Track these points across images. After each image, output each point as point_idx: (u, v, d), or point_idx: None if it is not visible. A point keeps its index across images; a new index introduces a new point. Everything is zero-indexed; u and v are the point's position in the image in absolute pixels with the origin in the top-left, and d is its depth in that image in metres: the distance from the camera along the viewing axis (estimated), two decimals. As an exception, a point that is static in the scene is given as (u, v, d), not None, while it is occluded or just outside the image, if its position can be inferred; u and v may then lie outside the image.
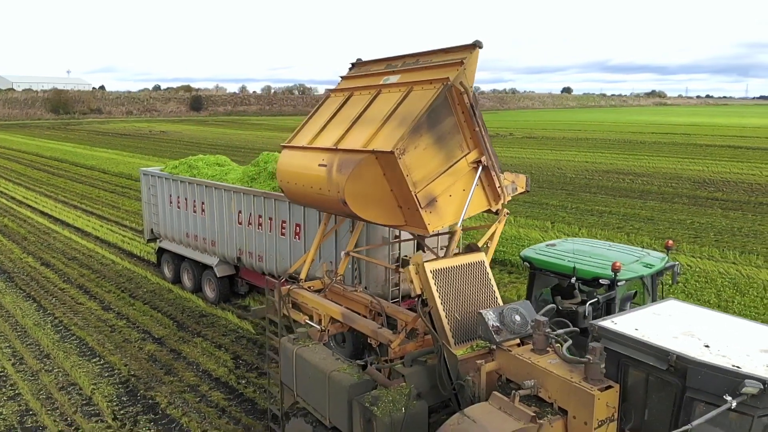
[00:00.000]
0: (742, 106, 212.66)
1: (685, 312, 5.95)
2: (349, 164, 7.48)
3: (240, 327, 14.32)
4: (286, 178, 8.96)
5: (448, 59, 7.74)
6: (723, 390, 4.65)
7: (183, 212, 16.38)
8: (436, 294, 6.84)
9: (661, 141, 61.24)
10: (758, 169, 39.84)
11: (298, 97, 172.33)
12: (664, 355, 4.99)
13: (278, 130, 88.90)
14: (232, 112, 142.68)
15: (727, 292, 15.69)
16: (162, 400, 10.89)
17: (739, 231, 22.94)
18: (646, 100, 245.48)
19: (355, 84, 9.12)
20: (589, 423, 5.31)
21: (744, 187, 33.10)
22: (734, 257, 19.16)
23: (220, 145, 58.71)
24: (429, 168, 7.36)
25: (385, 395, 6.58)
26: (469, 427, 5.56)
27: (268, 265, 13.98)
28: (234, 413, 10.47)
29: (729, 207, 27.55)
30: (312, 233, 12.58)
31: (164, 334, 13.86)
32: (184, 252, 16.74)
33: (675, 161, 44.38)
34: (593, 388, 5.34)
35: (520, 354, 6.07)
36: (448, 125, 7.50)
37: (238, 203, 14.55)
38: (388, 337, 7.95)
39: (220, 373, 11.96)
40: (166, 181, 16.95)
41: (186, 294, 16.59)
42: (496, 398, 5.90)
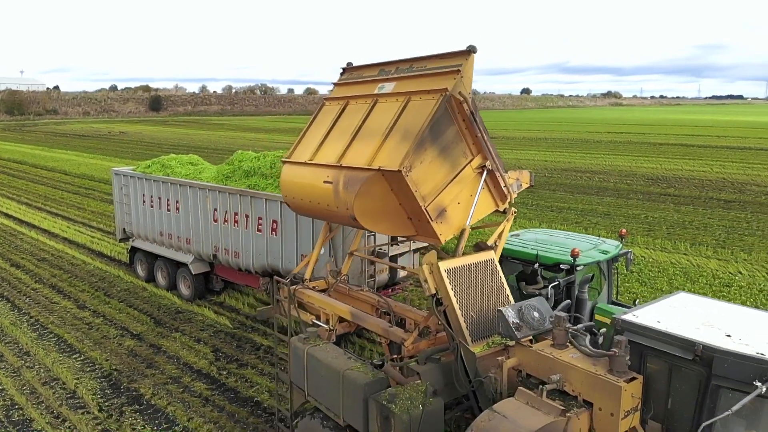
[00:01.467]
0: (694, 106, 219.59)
1: (698, 304, 6.15)
2: (356, 182, 7.49)
3: (217, 322, 14.69)
4: (291, 193, 8.92)
5: (443, 66, 7.67)
6: (749, 377, 4.84)
7: (157, 211, 16.62)
8: (451, 293, 6.89)
9: (616, 140, 63.24)
10: (709, 166, 41.67)
11: (260, 96, 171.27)
12: (690, 345, 5.16)
13: (240, 130, 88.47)
14: (192, 113, 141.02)
15: (678, 281, 16.76)
16: (146, 391, 11.24)
17: (689, 224, 24.23)
18: (603, 101, 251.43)
19: (349, 92, 9.03)
20: (616, 414, 5.43)
21: (695, 183, 34.68)
22: (685, 248, 20.37)
23: (182, 146, 58.29)
24: (436, 180, 7.40)
25: (402, 393, 6.62)
26: (501, 423, 5.60)
27: (244, 261, 14.37)
28: (218, 402, 10.89)
29: (681, 202, 28.96)
30: (289, 229, 13.05)
31: (142, 330, 14.14)
32: (158, 250, 16.98)
33: (630, 159, 46.05)
34: (619, 380, 5.44)
35: (541, 349, 6.13)
36: (451, 135, 7.49)
37: (214, 201, 14.90)
38: (400, 336, 8.03)
39: (201, 365, 12.35)
40: (139, 180, 17.16)
41: (161, 291, 16.85)
42: (522, 393, 5.95)
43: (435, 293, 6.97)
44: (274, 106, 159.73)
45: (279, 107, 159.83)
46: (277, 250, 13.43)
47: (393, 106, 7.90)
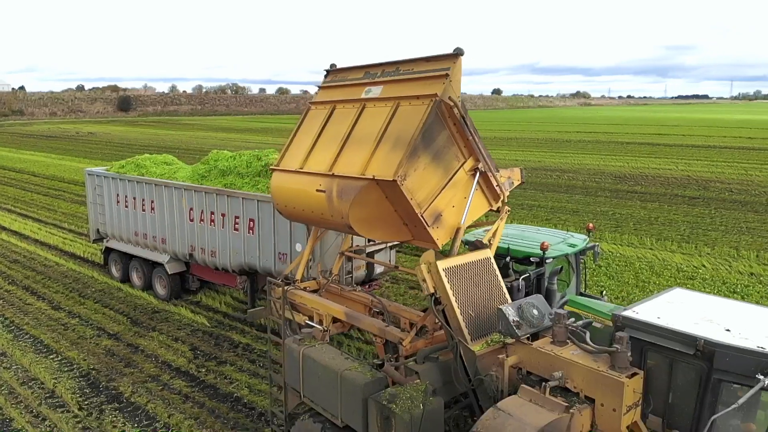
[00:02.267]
0: (661, 105, 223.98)
1: (694, 299, 6.23)
2: (350, 191, 7.46)
3: (194, 321, 14.77)
4: (283, 202, 8.86)
5: (431, 70, 7.60)
6: (750, 370, 4.90)
7: (132, 211, 16.62)
8: (450, 292, 6.88)
9: (585, 140, 64.40)
10: (674, 164, 42.77)
11: (231, 96, 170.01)
12: (692, 340, 5.19)
13: (212, 130, 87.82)
14: (162, 113, 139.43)
15: (644, 274, 17.34)
16: (125, 389, 11.31)
17: (655, 220, 24.95)
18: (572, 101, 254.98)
19: (335, 96, 8.92)
20: (618, 409, 5.47)
21: (661, 180, 35.61)
22: (651, 243, 21.02)
23: (152, 146, 57.71)
24: (430, 186, 7.38)
25: (402, 392, 6.61)
26: (506, 420, 5.61)
27: (221, 260, 14.48)
28: (198, 398, 11.02)
29: (647, 199, 29.75)
30: (266, 227, 13.21)
31: (119, 330, 14.17)
32: (132, 251, 16.98)
33: (598, 158, 47.01)
34: (621, 375, 5.48)
35: (541, 347, 6.15)
36: (443, 140, 7.45)
37: (190, 200, 14.96)
38: (397, 335, 8.00)
39: (179, 363, 12.45)
40: (113, 180, 17.13)
41: (136, 292, 16.85)
42: (525, 391, 5.98)
43: (433, 292, 6.97)
44: (245, 106, 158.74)
45: (251, 107, 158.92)
46: (255, 248, 13.58)
47: (382, 112, 7.83)
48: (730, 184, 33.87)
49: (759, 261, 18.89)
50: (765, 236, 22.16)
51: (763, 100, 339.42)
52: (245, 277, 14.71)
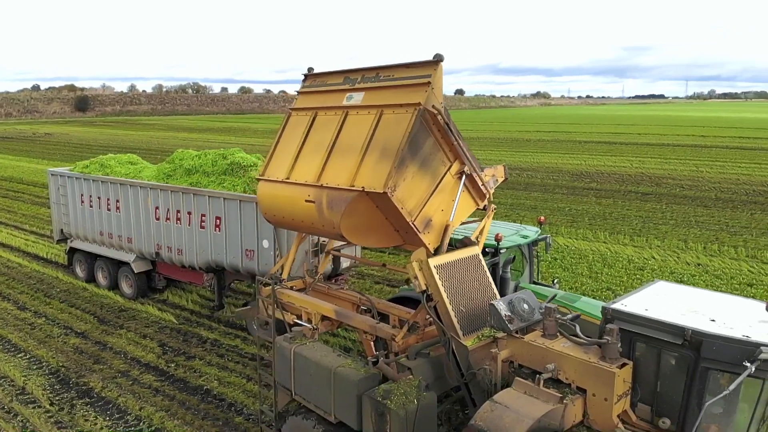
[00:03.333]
0: (618, 105, 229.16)
1: (678, 291, 6.47)
2: (340, 202, 7.54)
3: (162, 318, 14.97)
4: (271, 212, 8.91)
5: (412, 77, 7.63)
6: (736, 358, 5.08)
7: (96, 211, 16.69)
8: (441, 288, 7.01)
9: (544, 139, 65.87)
10: (629, 161, 44.23)
11: (192, 95, 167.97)
12: (680, 330, 5.37)
13: (173, 130, 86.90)
14: (121, 112, 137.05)
15: (597, 266, 18.18)
16: (95, 385, 11.51)
17: (609, 215, 25.97)
18: (533, 101, 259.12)
19: (316, 102, 8.92)
20: (610, 399, 5.65)
21: (616, 177, 36.86)
22: (605, 237, 21.95)
23: (112, 147, 56.89)
24: (419, 193, 7.47)
25: (396, 388, 6.71)
26: (503, 412, 5.72)
27: (188, 258, 14.68)
28: (168, 392, 11.28)
29: (602, 195, 30.85)
30: (232, 225, 13.48)
31: (86, 329, 14.29)
32: (98, 250, 17.04)
33: (557, 156, 48.27)
34: (612, 366, 5.66)
35: (533, 340, 6.29)
36: (429, 147, 7.53)
37: (155, 199, 15.13)
38: (389, 332, 8.11)
39: (149, 358, 12.68)
40: (77, 180, 17.15)
41: (102, 291, 16.93)
42: (519, 384, 6.11)
43: (425, 289, 7.08)
44: (207, 106, 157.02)
45: (212, 106, 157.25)
46: (221, 245, 13.84)
47: (366, 120, 7.89)
48: (681, 181, 35.27)
49: (705, 252, 19.93)
50: (712, 229, 23.31)
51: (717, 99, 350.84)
52: (212, 275, 14.95)
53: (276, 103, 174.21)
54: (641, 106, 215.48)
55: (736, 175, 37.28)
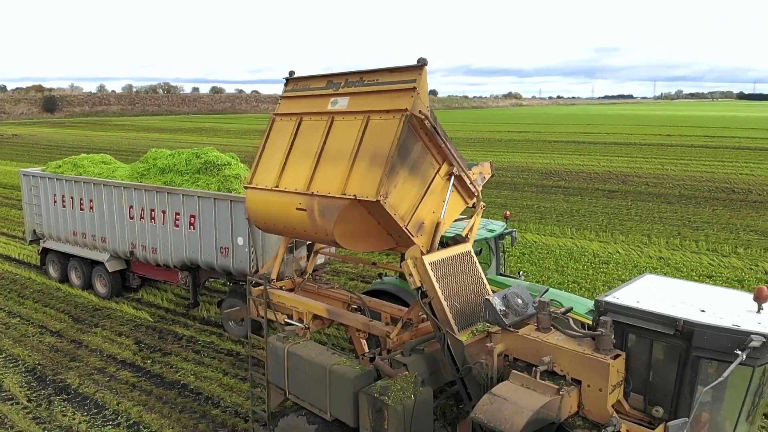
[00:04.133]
0: (588, 105, 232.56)
1: (666, 284, 6.67)
2: (332, 210, 7.57)
3: (137, 317, 15.10)
4: (261, 219, 8.88)
5: (397, 81, 7.64)
6: (726, 347, 5.25)
7: (69, 211, 16.72)
8: (436, 285, 7.09)
9: (515, 138, 66.85)
10: (597, 160, 45.22)
11: (163, 96, 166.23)
12: (672, 321, 5.54)
13: (143, 130, 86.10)
14: (90, 113, 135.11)
15: (563, 260, 18.77)
16: (72, 381, 11.64)
17: (576, 212, 26.68)
18: (504, 101, 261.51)
19: (300, 107, 8.86)
20: (604, 389, 5.80)
21: (583, 176, 37.72)
22: (571, 233, 22.61)
23: (82, 148, 56.08)
24: (411, 198, 7.51)
25: (392, 385, 6.79)
26: (503, 405, 5.82)
27: (162, 256, 14.82)
28: (145, 387, 11.47)
29: (570, 193, 31.61)
30: (207, 223, 13.67)
31: (61, 328, 14.37)
32: (71, 250, 17.08)
33: (527, 156, 49.13)
34: (606, 357, 5.79)
35: (527, 334, 6.42)
36: (417, 151, 7.55)
37: (129, 199, 15.23)
38: (383, 329, 8.18)
39: (125, 355, 12.83)
40: (50, 180, 17.16)
41: (76, 291, 16.97)
42: (516, 377, 6.23)
43: (420, 286, 7.18)
44: (178, 106, 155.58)
45: (183, 106, 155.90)
46: (196, 243, 14.01)
47: (352, 126, 7.90)
48: (647, 178, 36.24)
49: (668, 246, 20.66)
50: (675, 224, 24.12)
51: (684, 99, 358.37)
52: (187, 273, 15.13)
53: (248, 103, 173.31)
54: (610, 107, 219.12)
55: (700, 172, 38.39)
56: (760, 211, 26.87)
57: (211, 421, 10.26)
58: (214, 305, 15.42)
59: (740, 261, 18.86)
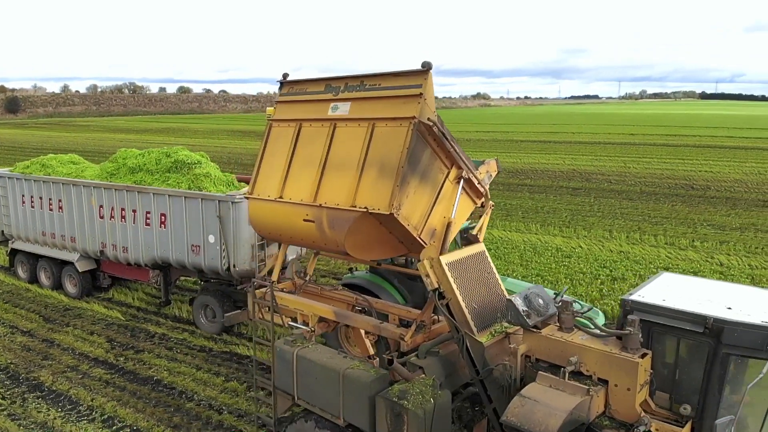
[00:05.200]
0: (555, 106, 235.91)
1: (687, 282, 6.73)
2: (342, 222, 7.44)
3: (108, 316, 15.18)
4: (266, 229, 8.75)
5: (401, 86, 7.44)
6: (757, 343, 5.33)
7: (38, 211, 16.68)
8: (454, 286, 6.98)
9: (483, 138, 67.78)
10: (562, 159, 46.22)
11: (128, 96, 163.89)
12: (701, 319, 5.55)
13: (109, 131, 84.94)
14: (54, 114, 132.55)
15: (528, 255, 19.38)
16: (46, 379, 11.73)
17: (541, 209, 27.40)
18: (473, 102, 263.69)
19: (298, 113, 8.57)
20: (633, 389, 5.76)
21: (549, 174, 38.58)
22: (536, 229, 23.28)
23: (46, 149, 55.13)
24: (422, 206, 7.42)
25: (411, 388, 6.61)
26: (534, 407, 5.76)
27: (133, 255, 14.89)
28: (118, 383, 11.62)
29: (535, 191, 32.38)
30: (178, 221, 13.82)
31: (32, 327, 14.39)
32: (40, 251, 17.04)
33: (494, 155, 49.23)
34: (635, 356, 5.75)
35: (551, 334, 6.36)
36: (426, 158, 7.42)
37: (99, 198, 15.28)
38: (397, 332, 8.04)
39: (97, 353, 12.94)
40: (17, 181, 17.09)
41: (45, 291, 16.96)
42: (543, 378, 6.15)
43: (437, 287, 7.07)
44: (144, 106, 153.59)
45: (150, 107, 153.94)
46: (167, 242, 14.13)
47: (357, 133, 7.68)
48: (610, 176, 37.23)
49: (628, 241, 21.42)
50: (635, 220, 24.97)
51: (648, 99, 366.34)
52: (158, 271, 15.25)
53: (216, 103, 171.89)
54: (576, 106, 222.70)
55: (661, 170, 39.55)
56: (717, 206, 27.92)
57: (186, 414, 10.48)
58: (186, 303, 15.56)
59: (697, 254, 19.68)
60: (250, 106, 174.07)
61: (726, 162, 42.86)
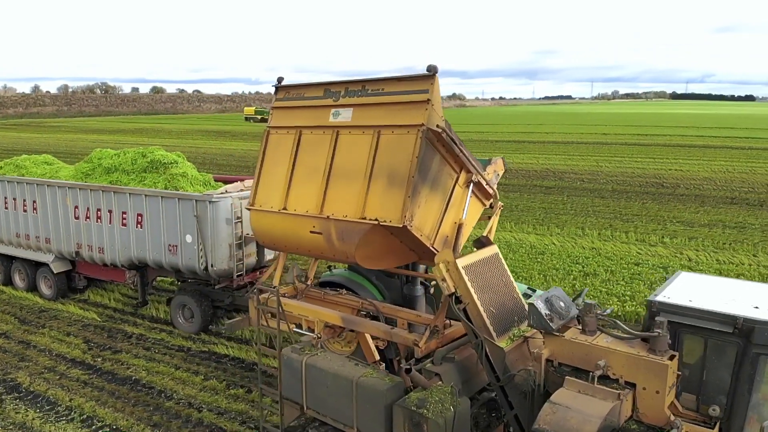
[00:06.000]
0: (529, 106, 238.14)
1: (706, 282, 6.71)
2: (353, 234, 7.28)
3: (85, 317, 15.12)
4: (270, 241, 8.61)
5: (406, 92, 7.22)
6: None
7: (12, 213, 16.53)
8: (472, 290, 6.80)
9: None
10: (536, 158, 46.80)
11: (100, 96, 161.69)
12: (731, 319, 5.51)
13: (81, 132, 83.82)
14: (24, 115, 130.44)
15: (502, 251, 19.36)
16: (23, 380, 11.68)
17: (515, 208, 27.81)
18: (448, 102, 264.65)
19: (297, 119, 8.31)
20: (662, 391, 5.66)
21: (523, 173, 39.07)
22: (510, 227, 23.66)
23: (16, 150, 54.40)
24: (434, 214, 7.29)
25: (430, 396, 6.44)
26: (567, 413, 5.64)
27: (110, 256, 14.86)
28: (97, 383, 11.62)
29: (509, 190, 32.77)
30: (154, 221, 13.81)
31: (8, 329, 14.28)
32: (14, 252, 16.89)
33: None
34: (664, 358, 5.65)
35: (575, 338, 6.24)
36: (436, 165, 7.25)
37: (75, 199, 15.19)
38: (408, 338, 7.82)
39: (74, 354, 12.91)
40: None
41: (20, 293, 16.82)
42: (571, 383, 6.03)
43: (454, 291, 6.89)
44: (117, 106, 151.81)
45: (122, 107, 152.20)
46: (144, 242, 14.12)
47: (361, 141, 7.46)
48: (582, 175, 37.85)
49: (600, 238, 21.89)
50: (607, 217, 25.49)
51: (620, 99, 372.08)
52: (134, 272, 15.20)
53: (190, 103, 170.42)
54: (550, 107, 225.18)
55: (632, 169, 40.31)
56: (687, 203, 28.60)
57: (165, 412, 10.54)
58: (163, 303, 15.57)
59: (666, 249, 20.19)
60: (224, 106, 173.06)
61: (695, 161, 43.82)
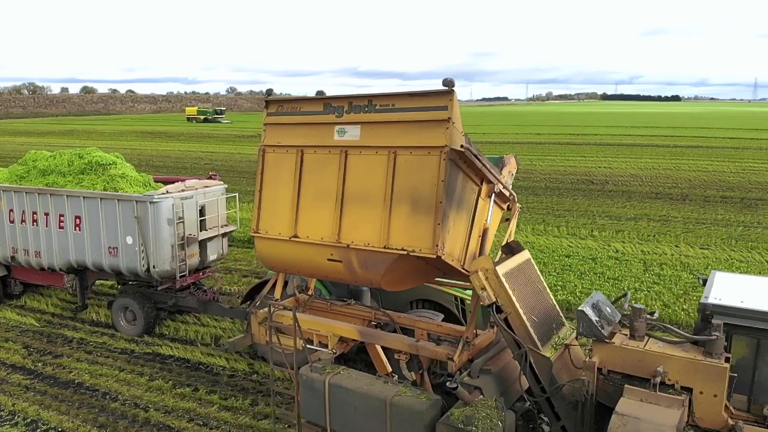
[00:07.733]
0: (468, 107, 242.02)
1: (745, 281, 6.73)
2: (377, 263, 6.95)
3: (22, 323, 14.81)
4: (283, 267, 8.17)
5: (422, 108, 6.76)
6: None
7: (-59, 218, 15.98)
8: (513, 298, 6.52)
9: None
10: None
11: (28, 97, 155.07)
12: None
13: (7, 134, 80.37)
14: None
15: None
16: (-41, 388, 11.44)
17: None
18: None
19: (297, 137, 7.73)
20: (720, 395, 5.57)
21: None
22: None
23: (-62, 153, 51.97)
24: (461, 235, 7.05)
25: (476, 412, 6.12)
26: (639, 425, 5.49)
27: (47, 260, 14.52)
28: (39, 388, 11.47)
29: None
30: (93, 223, 13.59)
31: (-62, 338, 13.87)
32: (-56, 259, 16.32)
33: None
34: (722, 361, 5.59)
35: (626, 344, 6.10)
36: (460, 184, 6.97)
37: (9, 202, 14.82)
38: (440, 352, 7.45)
39: (14, 360, 12.67)
40: None
41: (-49, 301, 16.27)
42: (632, 391, 5.88)
43: (495, 301, 6.59)
44: (45, 107, 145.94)
45: (52, 108, 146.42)
46: (83, 245, 13.91)
47: (375, 162, 7.01)
48: (517, 174, 38.39)
49: (533, 232, 22.89)
50: (540, 213, 26.63)
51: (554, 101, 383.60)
52: (73, 276, 14.96)
53: (124, 104, 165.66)
54: (488, 108, 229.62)
55: (564, 167, 41.89)
56: (615, 199, 30.05)
57: (111, 413, 10.54)
58: (104, 307, 15.40)
59: (595, 242, 21.29)
60: (160, 107, 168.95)
61: (623, 158, 45.92)
